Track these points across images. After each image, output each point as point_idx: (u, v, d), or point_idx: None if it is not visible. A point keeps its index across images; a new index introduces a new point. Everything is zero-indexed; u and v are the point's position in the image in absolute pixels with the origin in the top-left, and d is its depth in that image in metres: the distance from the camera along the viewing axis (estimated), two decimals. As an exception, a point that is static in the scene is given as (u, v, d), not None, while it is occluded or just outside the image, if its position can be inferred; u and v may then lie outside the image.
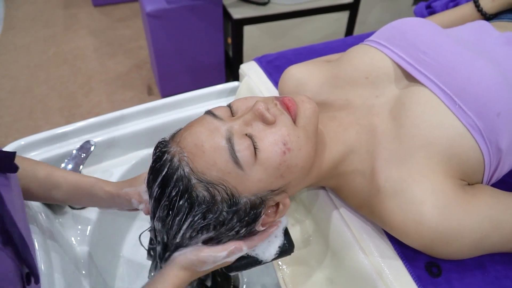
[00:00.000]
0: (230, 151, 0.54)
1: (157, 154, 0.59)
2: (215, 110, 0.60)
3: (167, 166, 0.56)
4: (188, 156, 0.55)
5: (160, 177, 0.56)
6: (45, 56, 2.62)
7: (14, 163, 0.53)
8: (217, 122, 0.57)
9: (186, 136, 0.57)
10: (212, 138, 0.55)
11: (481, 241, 0.59)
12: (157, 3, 1.83)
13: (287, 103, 0.59)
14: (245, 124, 0.57)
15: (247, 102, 0.62)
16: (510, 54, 0.71)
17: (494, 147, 0.61)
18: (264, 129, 0.57)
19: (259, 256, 0.64)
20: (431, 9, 1.09)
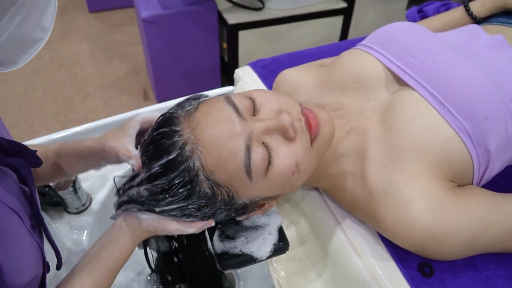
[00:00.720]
0: (245, 161, 0.54)
1: (165, 130, 0.56)
2: (237, 100, 0.57)
3: (176, 152, 0.54)
4: (202, 151, 0.54)
5: (165, 159, 0.55)
6: (41, 62, 2.62)
7: (39, 158, 0.54)
8: (239, 122, 0.55)
9: (203, 127, 0.55)
10: (232, 141, 0.54)
11: (472, 241, 0.60)
12: (153, 9, 1.84)
13: (311, 123, 0.59)
14: (265, 132, 0.56)
15: (271, 101, 0.59)
16: (498, 57, 0.72)
17: (483, 149, 0.62)
18: (282, 144, 0.57)
19: (254, 254, 0.65)
20: (423, 13, 1.11)
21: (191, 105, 0.60)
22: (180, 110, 0.60)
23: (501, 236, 0.61)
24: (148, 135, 0.60)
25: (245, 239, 0.66)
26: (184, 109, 0.59)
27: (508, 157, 0.68)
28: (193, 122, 0.56)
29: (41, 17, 0.48)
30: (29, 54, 0.49)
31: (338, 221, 0.71)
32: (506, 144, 0.65)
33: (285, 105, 0.59)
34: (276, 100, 0.59)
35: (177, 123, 0.56)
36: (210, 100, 0.59)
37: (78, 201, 0.89)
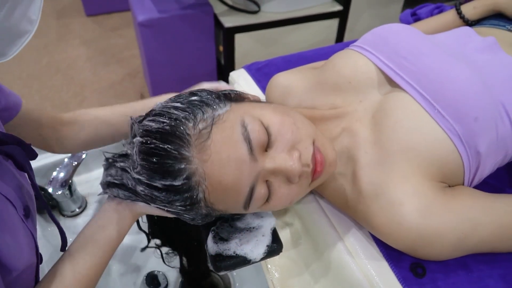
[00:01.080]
0: (246, 199, 0.57)
1: (173, 152, 0.53)
2: (254, 134, 0.55)
3: (182, 181, 0.53)
4: (208, 187, 0.55)
5: (169, 181, 0.53)
6: (38, 66, 2.63)
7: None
8: (249, 163, 0.54)
9: (214, 164, 0.53)
10: (239, 184, 0.55)
11: (462, 241, 0.60)
12: (149, 13, 1.84)
13: (317, 168, 0.59)
14: (272, 173, 0.57)
15: (287, 135, 0.58)
16: (490, 59, 0.73)
17: (473, 150, 0.63)
18: (284, 185, 0.59)
19: (248, 255, 0.65)
20: (416, 16, 1.12)
21: (205, 119, 0.55)
22: (191, 120, 0.55)
23: (491, 236, 0.61)
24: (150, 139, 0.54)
25: (239, 241, 0.66)
26: (196, 125, 0.55)
27: (499, 158, 0.68)
28: (204, 153, 0.53)
29: (27, 9, 0.49)
30: (17, 46, 0.50)
31: (331, 222, 0.72)
32: (497, 146, 0.66)
33: (300, 142, 0.58)
34: (292, 133, 0.58)
35: (187, 146, 0.53)
36: (225, 128, 0.55)
37: (73, 204, 0.90)
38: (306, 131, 0.60)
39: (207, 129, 0.54)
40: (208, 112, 0.56)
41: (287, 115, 0.60)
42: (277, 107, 0.63)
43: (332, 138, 0.70)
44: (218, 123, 0.55)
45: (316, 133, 0.61)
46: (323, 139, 0.62)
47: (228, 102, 0.60)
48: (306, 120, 0.63)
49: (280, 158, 0.56)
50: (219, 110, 0.57)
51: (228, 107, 0.58)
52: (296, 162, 0.56)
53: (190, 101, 0.58)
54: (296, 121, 0.60)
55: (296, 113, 0.63)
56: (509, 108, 0.66)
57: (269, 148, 0.57)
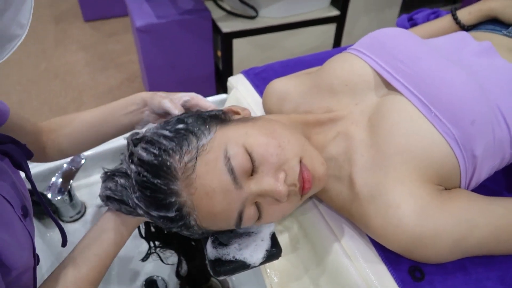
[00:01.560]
0: (237, 222, 0.59)
1: (163, 187, 0.56)
2: (237, 162, 0.56)
3: (174, 212, 0.57)
4: (198, 216, 0.58)
5: (163, 213, 0.58)
6: (37, 71, 2.63)
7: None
8: (235, 192, 0.56)
9: (201, 197, 0.56)
10: (227, 211, 0.57)
11: (459, 244, 0.60)
12: (147, 18, 1.85)
13: (305, 185, 0.60)
14: (260, 196, 0.59)
15: (271, 158, 0.58)
16: (486, 63, 0.74)
17: (469, 154, 0.63)
18: (273, 204, 0.60)
19: (247, 260, 0.66)
20: (413, 21, 1.13)
21: (190, 151, 0.57)
22: (177, 152, 0.57)
23: (487, 238, 0.61)
24: (143, 171, 0.57)
25: (238, 246, 0.66)
26: (182, 158, 0.56)
27: (496, 162, 0.69)
28: (191, 187, 0.56)
29: (17, 13, 0.49)
30: (7, 51, 0.50)
31: (330, 226, 0.72)
32: (494, 149, 0.66)
33: (285, 163, 0.59)
34: (276, 156, 0.58)
35: (174, 180, 0.56)
36: (208, 160, 0.56)
37: (72, 209, 0.90)
38: (293, 150, 0.60)
39: (192, 161, 0.56)
40: (193, 143, 0.57)
41: (273, 136, 0.60)
42: (263, 125, 0.62)
43: (328, 142, 0.70)
44: (202, 155, 0.56)
45: (303, 149, 0.61)
46: (311, 153, 0.62)
47: (214, 126, 0.61)
48: (294, 135, 0.62)
49: (265, 182, 0.57)
50: (203, 139, 0.58)
51: (213, 134, 0.59)
52: (282, 185, 0.57)
53: (177, 130, 0.60)
54: (282, 141, 0.60)
55: (284, 129, 0.63)
56: (506, 112, 0.67)
57: (254, 173, 0.58)
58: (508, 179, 0.79)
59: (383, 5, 2.19)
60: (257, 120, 0.64)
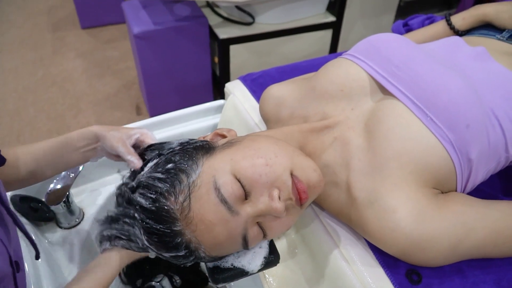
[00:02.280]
0: (244, 244, 0.60)
1: (166, 231, 0.57)
2: (226, 190, 0.57)
3: (183, 251, 0.59)
4: (206, 249, 0.59)
5: (174, 253, 0.59)
6: (34, 79, 2.63)
7: (2, 155, 0.58)
8: (233, 220, 0.57)
9: (203, 232, 0.57)
10: (230, 239, 0.59)
11: (455, 247, 0.61)
12: (145, 25, 1.86)
13: (302, 196, 0.60)
14: (258, 217, 0.60)
15: (261, 180, 0.58)
16: (479, 68, 0.74)
17: (465, 157, 0.64)
18: (274, 220, 0.61)
19: (245, 267, 0.66)
20: (408, 27, 1.14)
21: (182, 190, 0.58)
22: (172, 193, 0.58)
23: (483, 242, 0.62)
24: (145, 218, 0.59)
25: (236, 253, 0.66)
26: (177, 198, 0.57)
27: (492, 165, 0.69)
28: (191, 225, 0.57)
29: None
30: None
31: (327, 230, 0.72)
32: (489, 153, 0.67)
33: (277, 180, 0.59)
34: (266, 175, 0.58)
35: (175, 222, 0.57)
36: (201, 196, 0.57)
37: (70, 216, 0.90)
38: (281, 164, 0.60)
39: (186, 200, 0.57)
40: (184, 181, 0.58)
41: (258, 156, 0.60)
42: (248, 146, 0.62)
43: (325, 148, 0.71)
44: (194, 191, 0.57)
45: (292, 161, 0.61)
46: (301, 163, 0.62)
47: (201, 159, 0.61)
48: (281, 148, 0.62)
49: (260, 203, 0.58)
50: (193, 176, 0.59)
51: (200, 168, 0.60)
52: (277, 202, 0.57)
53: (167, 170, 0.60)
54: (269, 158, 0.59)
55: (270, 143, 0.63)
56: (500, 115, 0.67)
57: (248, 196, 0.59)
58: (503, 182, 0.80)
59: (379, 11, 2.20)
60: (242, 142, 0.64)
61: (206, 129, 1.08)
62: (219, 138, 0.70)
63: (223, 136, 0.70)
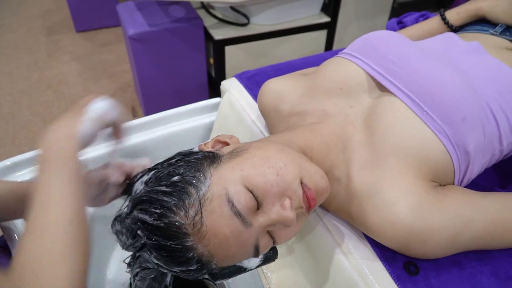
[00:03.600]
0: (255, 253, 0.60)
1: (177, 247, 0.55)
2: (240, 203, 0.55)
3: (195, 265, 0.56)
4: (218, 261, 0.57)
5: (184, 267, 0.57)
6: (28, 82, 2.62)
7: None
8: (246, 232, 0.56)
9: (216, 245, 0.55)
10: (243, 249, 0.57)
11: (454, 239, 0.61)
12: (140, 27, 1.86)
13: (311, 204, 0.60)
14: (270, 225, 0.59)
15: (272, 190, 0.57)
16: (474, 62, 0.75)
17: (462, 150, 0.64)
18: (285, 228, 0.60)
19: (244, 263, 0.66)
20: (402, 24, 1.14)
21: (192, 204, 0.55)
22: (181, 208, 0.55)
23: (481, 233, 0.62)
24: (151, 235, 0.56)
25: None
26: (188, 212, 0.55)
27: (487, 158, 0.70)
28: (204, 239, 0.55)
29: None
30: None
31: (325, 224, 0.72)
32: (485, 145, 0.67)
33: (288, 189, 0.58)
34: (277, 185, 0.58)
35: (186, 237, 0.55)
36: (213, 209, 0.55)
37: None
38: (291, 173, 0.59)
39: (198, 215, 0.55)
40: (193, 195, 0.56)
41: (268, 166, 0.58)
42: (256, 155, 0.60)
43: (328, 149, 0.70)
44: (206, 205, 0.55)
45: (301, 169, 0.60)
46: (310, 170, 0.61)
47: (208, 170, 0.58)
48: (288, 156, 0.61)
49: (273, 212, 0.57)
50: (202, 189, 0.56)
51: (209, 180, 0.57)
52: (289, 211, 0.57)
53: (173, 184, 0.57)
54: (279, 168, 0.58)
55: (277, 151, 0.61)
56: (494, 108, 0.68)
57: (260, 207, 0.58)
58: (498, 175, 0.81)
59: (373, 12, 2.22)
60: (248, 150, 0.62)
61: (202, 127, 1.08)
62: (220, 146, 0.68)
63: (225, 143, 0.68)
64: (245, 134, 0.94)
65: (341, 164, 0.69)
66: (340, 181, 0.68)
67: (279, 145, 0.64)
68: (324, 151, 0.70)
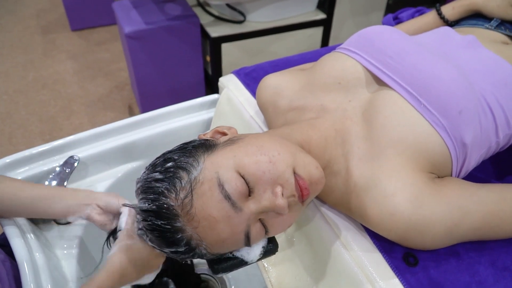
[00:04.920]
0: (246, 242, 0.60)
1: (167, 227, 0.57)
2: (231, 186, 0.56)
3: (184, 247, 0.58)
4: (207, 245, 0.58)
5: (174, 248, 0.58)
6: (24, 82, 2.61)
7: None
8: (236, 216, 0.57)
9: (205, 228, 0.56)
10: (233, 237, 0.58)
11: (452, 229, 0.62)
12: (136, 25, 1.86)
13: (303, 193, 0.60)
14: (262, 212, 0.59)
15: (264, 177, 0.58)
16: (470, 56, 0.76)
17: (459, 142, 0.65)
18: (277, 217, 0.60)
19: (244, 257, 0.66)
20: (398, 20, 1.15)
21: (183, 187, 0.57)
22: (172, 191, 0.57)
23: (479, 224, 0.63)
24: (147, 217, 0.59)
25: None
26: (178, 195, 0.56)
27: (483, 150, 0.71)
28: (193, 221, 0.56)
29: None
30: None
31: (324, 217, 0.73)
32: (481, 137, 0.68)
33: (280, 176, 0.58)
34: (269, 172, 0.58)
35: (176, 218, 0.56)
36: (204, 192, 0.56)
37: (67, 212, 0.89)
38: (284, 161, 0.59)
39: (188, 197, 0.56)
40: (184, 178, 0.57)
41: (261, 153, 0.59)
42: (250, 143, 0.61)
43: (327, 143, 0.71)
44: (196, 188, 0.56)
45: (295, 158, 0.61)
46: (303, 160, 0.62)
47: (201, 156, 0.60)
48: (283, 145, 0.62)
49: (264, 199, 0.58)
50: (194, 172, 0.58)
51: (202, 164, 0.58)
52: (280, 198, 0.57)
53: (166, 169, 0.59)
54: (272, 156, 0.59)
55: (273, 141, 0.62)
56: (490, 101, 0.69)
57: (251, 193, 0.58)
58: (495, 168, 0.82)
59: (368, 9, 2.23)
60: (243, 139, 0.63)
61: (200, 123, 1.08)
62: (219, 136, 0.69)
63: (223, 133, 0.69)
64: (244, 130, 0.94)
65: (340, 158, 0.70)
66: (339, 174, 0.69)
67: (276, 136, 0.65)
68: (323, 146, 0.71)
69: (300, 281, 0.74)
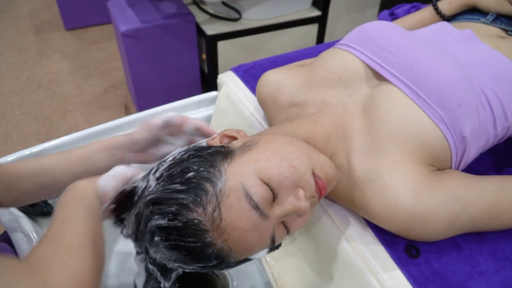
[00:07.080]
0: (271, 245, 0.60)
1: (197, 244, 0.54)
2: (258, 197, 0.56)
3: (214, 261, 0.56)
4: (237, 255, 0.57)
5: (204, 263, 0.56)
6: (19, 82, 2.60)
7: None
8: (264, 224, 0.57)
9: (235, 239, 0.55)
10: (261, 241, 0.58)
11: (453, 221, 0.63)
12: (131, 23, 1.86)
13: (322, 192, 0.62)
14: (285, 215, 0.59)
15: (287, 182, 0.58)
16: (467, 49, 0.77)
17: (459, 135, 0.66)
18: (298, 217, 0.61)
19: None
20: (394, 16, 1.16)
21: (210, 200, 0.55)
22: (199, 205, 0.55)
23: (479, 215, 0.64)
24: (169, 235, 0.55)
25: None
26: (206, 209, 0.54)
27: (482, 143, 0.72)
28: (223, 234, 0.55)
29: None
30: None
31: (327, 211, 0.74)
32: (480, 130, 0.69)
33: (301, 180, 0.59)
34: (291, 176, 0.59)
35: (205, 234, 0.54)
36: (232, 205, 0.55)
37: (68, 210, 0.89)
38: (303, 164, 0.60)
39: (216, 211, 0.54)
40: (209, 191, 0.55)
41: (281, 158, 0.59)
42: (268, 148, 0.61)
43: (330, 138, 0.72)
44: (223, 200, 0.55)
45: (312, 159, 0.61)
46: (319, 160, 0.63)
47: (222, 165, 0.58)
48: (298, 147, 0.62)
49: (288, 203, 0.58)
50: (219, 184, 0.56)
51: (224, 175, 0.57)
52: (303, 201, 0.58)
53: (188, 180, 0.57)
54: (291, 160, 0.59)
55: (288, 143, 0.62)
56: (488, 94, 0.70)
57: (275, 199, 0.58)
58: (493, 160, 0.83)
59: (363, 6, 2.24)
60: (258, 144, 0.62)
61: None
62: (228, 140, 0.67)
63: (233, 138, 0.67)
64: (244, 127, 0.95)
65: (341, 152, 0.70)
66: (342, 168, 0.70)
67: (287, 136, 0.65)
68: (325, 141, 0.71)
69: (303, 275, 0.75)
